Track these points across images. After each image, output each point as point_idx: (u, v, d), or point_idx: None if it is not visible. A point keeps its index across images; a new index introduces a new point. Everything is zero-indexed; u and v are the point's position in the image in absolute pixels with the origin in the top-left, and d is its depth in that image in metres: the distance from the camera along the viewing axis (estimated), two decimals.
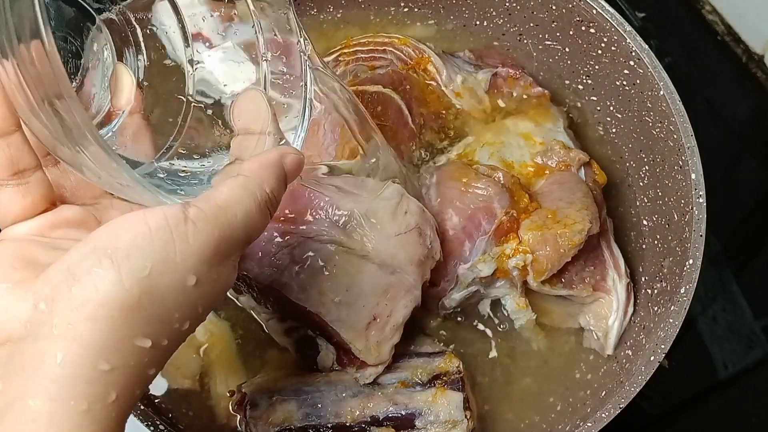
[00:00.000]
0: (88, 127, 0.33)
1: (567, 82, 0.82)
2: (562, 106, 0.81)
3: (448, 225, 0.67)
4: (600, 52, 0.78)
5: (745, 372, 0.88)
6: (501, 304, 0.71)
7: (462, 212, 0.67)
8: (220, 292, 0.38)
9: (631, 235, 0.76)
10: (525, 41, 0.83)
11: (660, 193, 0.75)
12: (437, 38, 0.86)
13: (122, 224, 0.35)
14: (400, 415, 0.63)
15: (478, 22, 0.84)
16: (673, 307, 0.64)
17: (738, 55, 1.02)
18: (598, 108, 0.81)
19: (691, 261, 0.66)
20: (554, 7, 0.79)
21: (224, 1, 0.50)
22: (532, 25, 0.82)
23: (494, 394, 0.70)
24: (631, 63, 0.75)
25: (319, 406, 0.64)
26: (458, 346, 0.70)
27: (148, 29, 0.47)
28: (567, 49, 0.82)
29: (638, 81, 0.75)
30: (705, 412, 0.87)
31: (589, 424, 0.61)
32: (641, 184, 0.78)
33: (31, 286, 0.34)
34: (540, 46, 0.83)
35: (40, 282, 0.34)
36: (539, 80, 0.82)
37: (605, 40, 0.77)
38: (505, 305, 0.71)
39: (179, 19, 0.49)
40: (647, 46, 0.74)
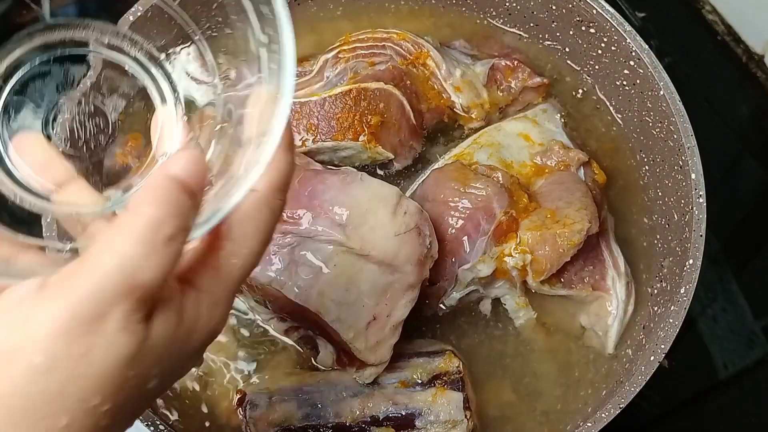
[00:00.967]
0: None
1: (567, 81, 0.82)
2: (562, 106, 0.81)
3: (447, 225, 0.67)
4: (600, 52, 0.78)
5: (745, 372, 0.88)
6: (501, 304, 0.71)
7: (461, 212, 0.67)
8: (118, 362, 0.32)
9: (631, 234, 0.76)
10: (525, 41, 0.83)
11: (660, 193, 0.75)
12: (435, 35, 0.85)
13: None
14: (400, 415, 0.63)
15: (477, 22, 0.84)
16: (673, 307, 0.65)
17: (738, 55, 1.02)
18: (598, 108, 0.81)
19: (691, 261, 0.66)
20: (554, 7, 0.79)
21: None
22: (532, 25, 0.82)
23: (494, 393, 0.70)
24: (631, 63, 0.75)
25: (319, 405, 0.64)
26: (458, 346, 0.70)
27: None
28: (567, 49, 0.82)
29: (638, 81, 0.75)
30: (705, 412, 0.87)
31: (589, 424, 0.61)
32: (641, 183, 0.78)
33: None
34: (540, 46, 0.83)
35: None
36: None
37: (605, 40, 0.77)
38: (505, 304, 0.71)
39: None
40: (647, 46, 0.74)
